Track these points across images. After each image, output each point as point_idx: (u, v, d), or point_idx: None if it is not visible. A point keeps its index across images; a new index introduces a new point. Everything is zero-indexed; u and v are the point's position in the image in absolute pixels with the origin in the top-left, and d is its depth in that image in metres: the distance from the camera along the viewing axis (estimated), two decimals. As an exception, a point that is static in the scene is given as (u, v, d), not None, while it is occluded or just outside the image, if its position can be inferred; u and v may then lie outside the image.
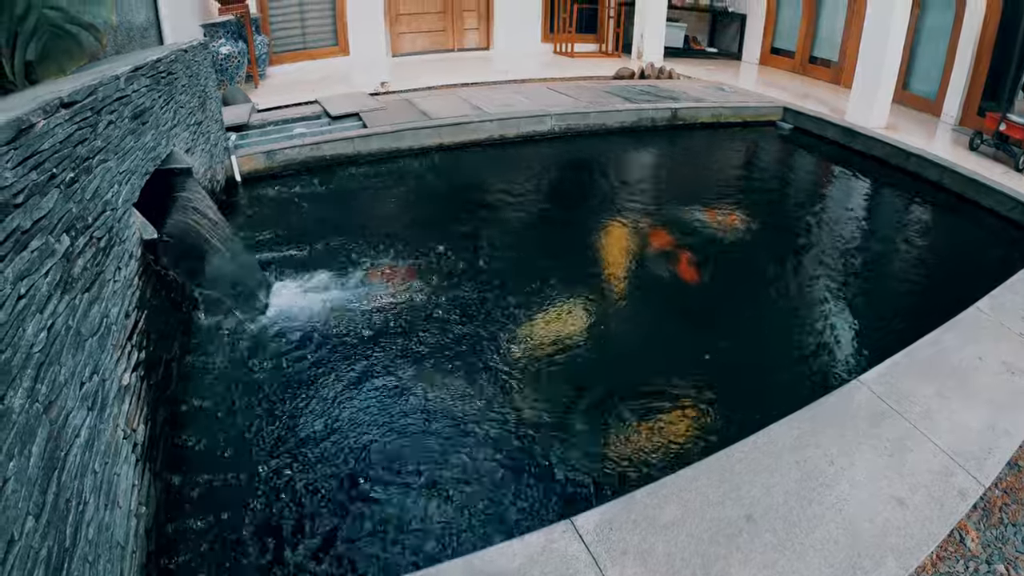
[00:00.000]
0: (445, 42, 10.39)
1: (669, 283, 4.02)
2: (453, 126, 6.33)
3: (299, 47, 9.18)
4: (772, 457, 2.23)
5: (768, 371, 3.19)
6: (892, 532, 1.97)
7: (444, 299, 3.63)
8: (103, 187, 2.18)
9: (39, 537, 1.31)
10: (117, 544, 1.73)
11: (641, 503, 2.02)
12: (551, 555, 1.83)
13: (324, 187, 5.43)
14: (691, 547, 1.88)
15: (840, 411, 2.47)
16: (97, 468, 1.69)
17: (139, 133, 2.77)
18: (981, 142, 6.00)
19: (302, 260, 4.10)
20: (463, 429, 2.66)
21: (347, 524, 2.23)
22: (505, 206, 5.25)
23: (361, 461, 2.51)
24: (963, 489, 2.17)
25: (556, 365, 3.10)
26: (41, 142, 1.68)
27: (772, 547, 1.90)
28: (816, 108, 7.40)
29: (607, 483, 2.41)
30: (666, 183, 5.97)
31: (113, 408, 1.92)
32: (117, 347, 2.07)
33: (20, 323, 1.41)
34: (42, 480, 1.37)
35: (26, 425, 1.35)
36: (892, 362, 2.78)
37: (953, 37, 7.04)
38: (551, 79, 8.68)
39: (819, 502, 2.06)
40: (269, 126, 6.29)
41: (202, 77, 4.49)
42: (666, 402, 2.86)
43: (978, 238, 4.95)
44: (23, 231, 1.51)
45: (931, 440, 2.36)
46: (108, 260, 2.13)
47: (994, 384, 2.69)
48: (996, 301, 3.33)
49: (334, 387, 2.93)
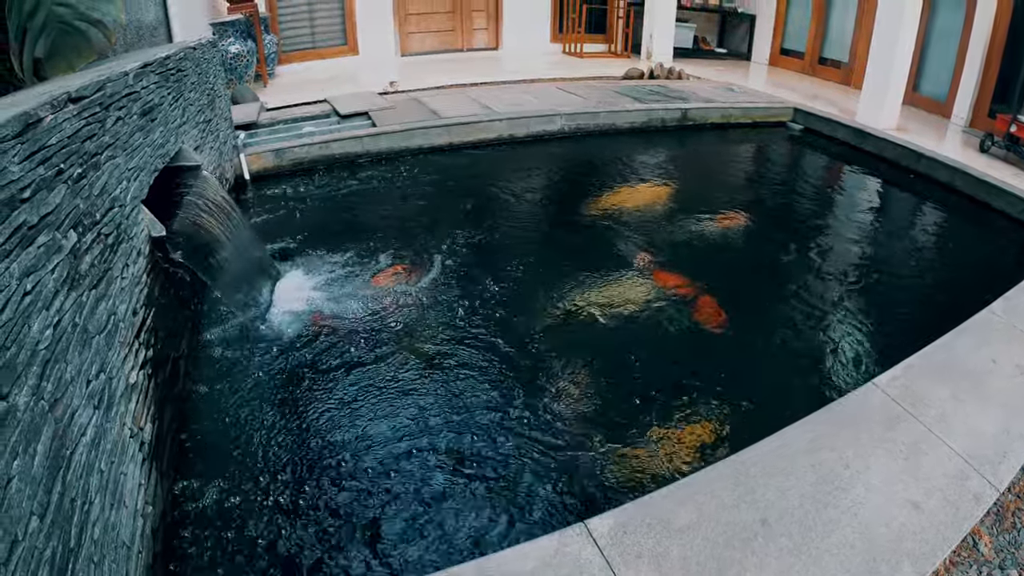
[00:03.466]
0: (454, 42, 10.38)
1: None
2: (463, 125, 6.31)
3: (308, 46, 9.18)
4: (787, 460, 2.20)
5: (780, 371, 3.16)
6: (908, 537, 1.94)
7: (455, 296, 3.62)
8: (111, 183, 2.16)
9: (43, 537, 1.29)
10: (123, 544, 1.71)
11: (655, 506, 1.99)
12: (564, 558, 1.80)
13: (333, 185, 5.42)
14: (706, 551, 1.85)
15: (855, 414, 2.43)
16: (103, 467, 1.67)
17: (148, 130, 2.75)
18: (992, 144, 5.94)
19: (313, 258, 4.09)
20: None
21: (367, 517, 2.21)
22: (520, 205, 5.23)
23: (375, 453, 2.50)
24: (978, 493, 2.13)
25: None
26: (49, 137, 1.66)
27: (787, 551, 1.86)
28: (826, 109, 7.35)
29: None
30: (680, 184, 5.91)
31: (120, 406, 1.90)
32: (124, 345, 2.05)
33: (26, 320, 1.40)
34: (47, 479, 1.35)
35: (31, 423, 1.33)
36: (906, 364, 2.74)
37: (963, 39, 6.98)
38: (560, 79, 8.66)
39: (834, 506, 2.03)
40: (278, 125, 6.29)
41: (211, 75, 4.48)
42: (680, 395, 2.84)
43: (990, 240, 4.89)
44: (30, 226, 1.49)
45: (946, 443, 2.32)
46: (116, 257, 2.11)
47: (1008, 387, 2.66)
48: (1009, 303, 3.29)
49: (340, 380, 2.94)
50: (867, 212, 5.45)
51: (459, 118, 6.39)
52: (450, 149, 6.23)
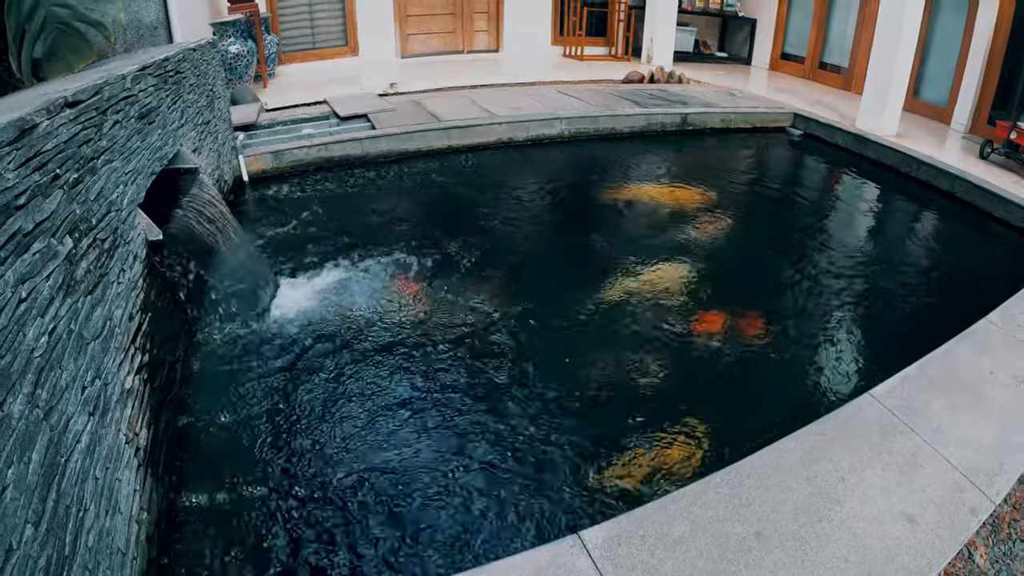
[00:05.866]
0: (455, 43, 10.37)
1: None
2: (462, 128, 6.31)
3: (309, 47, 9.17)
4: (782, 472, 2.19)
5: (769, 379, 3.16)
6: (902, 551, 1.94)
7: (447, 298, 3.63)
8: (108, 188, 2.16)
9: (38, 545, 1.29)
10: (118, 551, 1.71)
11: (650, 518, 1.99)
12: (558, 570, 1.80)
13: (332, 188, 5.41)
14: (700, 564, 1.84)
15: (851, 425, 2.43)
16: (98, 474, 1.67)
17: (145, 133, 2.75)
18: (991, 150, 5.94)
19: (310, 261, 4.09)
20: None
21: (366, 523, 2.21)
22: (520, 209, 5.22)
23: (375, 460, 2.50)
24: (974, 506, 2.13)
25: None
26: (45, 142, 1.66)
27: (782, 565, 1.86)
28: (826, 114, 7.35)
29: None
30: (677, 191, 5.91)
31: (115, 412, 1.89)
32: (120, 350, 2.05)
33: (20, 328, 1.39)
34: (42, 487, 1.35)
35: (26, 432, 1.32)
36: (903, 375, 2.74)
37: (964, 45, 6.99)
38: (561, 82, 8.65)
39: (829, 519, 2.03)
40: (277, 126, 6.28)
41: (210, 76, 4.47)
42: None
43: (989, 249, 4.89)
44: (25, 233, 1.48)
45: (942, 456, 2.32)
46: (112, 262, 2.10)
47: (1005, 398, 2.66)
48: (1007, 313, 3.29)
49: (335, 384, 2.94)
50: (866, 220, 5.45)
51: (459, 121, 6.39)
52: (450, 152, 6.22)
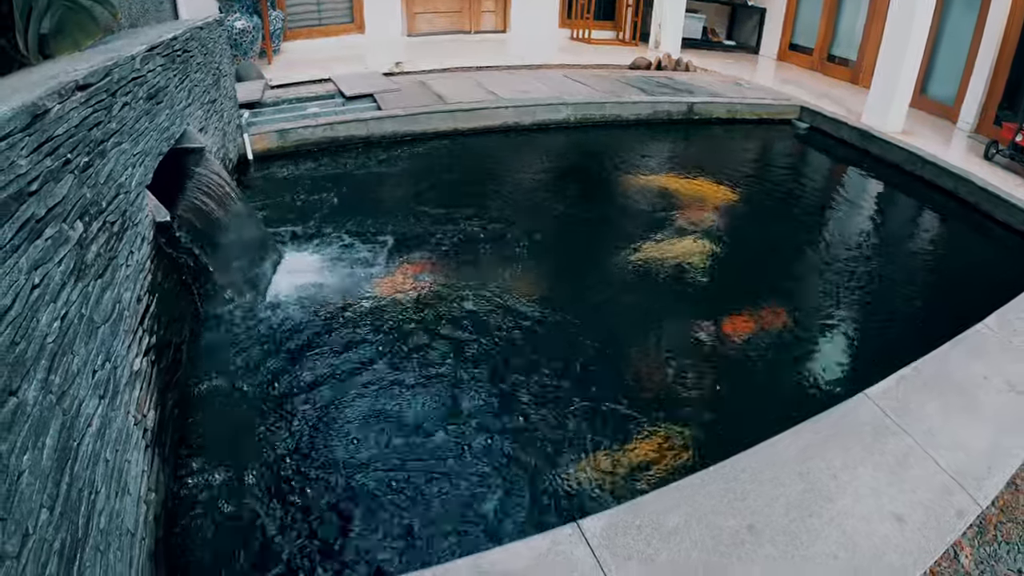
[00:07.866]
0: (462, 23, 10.28)
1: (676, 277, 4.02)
2: (468, 111, 6.28)
3: (314, 23, 9.09)
4: (776, 468, 2.24)
5: (763, 376, 3.21)
6: (890, 549, 1.99)
7: (451, 282, 3.66)
8: (117, 170, 2.17)
9: (52, 529, 1.32)
10: (127, 531, 1.75)
11: (647, 509, 2.04)
12: (556, 557, 1.85)
13: (338, 168, 5.41)
14: (694, 555, 1.90)
15: (845, 425, 2.47)
16: (109, 456, 1.70)
17: (154, 114, 2.75)
18: (996, 152, 5.92)
19: (315, 240, 4.12)
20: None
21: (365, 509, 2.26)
22: (526, 196, 5.23)
23: (380, 438, 2.55)
24: (961, 509, 2.17)
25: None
26: (56, 127, 1.66)
27: (773, 559, 1.91)
28: (833, 108, 7.32)
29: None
30: (681, 183, 5.91)
31: (124, 394, 1.93)
32: (129, 332, 2.07)
33: (34, 314, 1.41)
34: (55, 472, 1.38)
35: (40, 417, 1.35)
36: (898, 376, 2.78)
37: (974, 43, 6.93)
38: (567, 65, 8.60)
39: (820, 515, 2.08)
40: (283, 104, 6.25)
41: (217, 54, 4.45)
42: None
43: (989, 252, 4.91)
44: (37, 219, 1.49)
45: (932, 458, 2.36)
46: (121, 244, 2.12)
47: (998, 403, 2.69)
48: (1003, 319, 3.31)
49: (339, 362, 2.98)
50: (867, 218, 5.44)
51: (465, 104, 6.36)
52: (455, 135, 6.20)
